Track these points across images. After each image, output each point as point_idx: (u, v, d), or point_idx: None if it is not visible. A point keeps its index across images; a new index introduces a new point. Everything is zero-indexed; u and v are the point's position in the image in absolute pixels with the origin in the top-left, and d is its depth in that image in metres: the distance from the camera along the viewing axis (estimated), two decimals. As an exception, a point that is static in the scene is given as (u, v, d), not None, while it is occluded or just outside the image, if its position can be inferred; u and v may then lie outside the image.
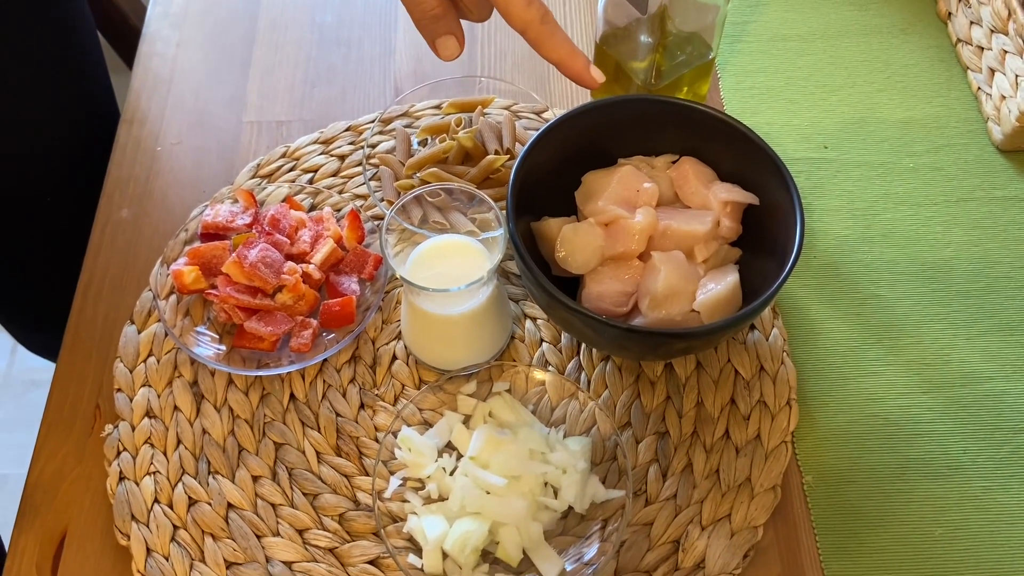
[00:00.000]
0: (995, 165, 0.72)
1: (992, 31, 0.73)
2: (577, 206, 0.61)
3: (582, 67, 0.52)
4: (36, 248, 0.83)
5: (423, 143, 0.69)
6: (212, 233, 0.64)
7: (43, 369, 1.42)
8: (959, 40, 0.77)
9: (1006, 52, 0.71)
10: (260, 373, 0.60)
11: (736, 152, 0.59)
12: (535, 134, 0.59)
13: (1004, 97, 0.71)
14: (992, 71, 0.73)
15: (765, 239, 0.58)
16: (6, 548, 0.78)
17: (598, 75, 0.52)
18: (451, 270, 0.57)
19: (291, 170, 0.71)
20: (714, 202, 0.59)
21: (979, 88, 0.75)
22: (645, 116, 0.61)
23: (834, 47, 0.78)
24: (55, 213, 0.81)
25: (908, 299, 0.66)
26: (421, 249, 0.59)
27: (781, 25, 0.80)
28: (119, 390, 0.61)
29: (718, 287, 0.56)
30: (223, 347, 0.61)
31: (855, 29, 0.80)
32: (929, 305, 0.65)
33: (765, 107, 0.75)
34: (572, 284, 0.60)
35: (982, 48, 0.75)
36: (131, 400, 0.60)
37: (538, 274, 0.53)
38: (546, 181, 0.59)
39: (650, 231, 0.58)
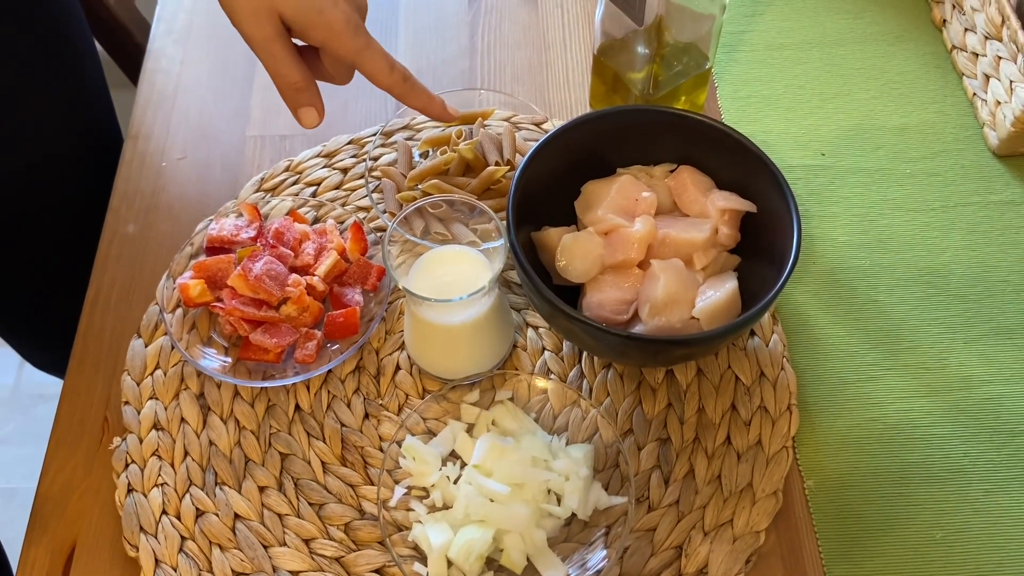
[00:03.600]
0: (991, 170, 0.72)
1: (986, 38, 0.74)
2: (577, 215, 0.62)
3: (440, 108, 0.60)
4: (38, 265, 0.84)
5: (424, 155, 0.70)
6: (217, 247, 0.64)
7: (51, 384, 1.43)
8: (954, 47, 0.78)
9: (1000, 58, 0.72)
10: (265, 384, 0.60)
11: (734, 160, 0.60)
12: (535, 145, 0.59)
13: (999, 103, 0.72)
14: (987, 77, 0.74)
15: (763, 246, 0.59)
16: (12, 565, 0.78)
17: (453, 111, 0.62)
18: (453, 280, 0.58)
19: (294, 183, 0.72)
20: (712, 210, 0.60)
21: (974, 94, 0.75)
22: (643, 126, 0.62)
23: (830, 55, 0.79)
24: (56, 229, 0.82)
25: (906, 304, 0.66)
26: (423, 260, 0.59)
27: (777, 34, 0.81)
28: (127, 403, 0.62)
29: (717, 294, 0.57)
30: (229, 359, 0.62)
31: (851, 37, 0.80)
32: (927, 310, 0.66)
33: (762, 115, 0.76)
34: (573, 293, 0.60)
35: (977, 55, 0.75)
36: (139, 413, 0.61)
37: (539, 283, 0.54)
38: (546, 191, 0.60)
39: (649, 239, 0.59)
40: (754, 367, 0.62)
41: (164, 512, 0.58)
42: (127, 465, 0.59)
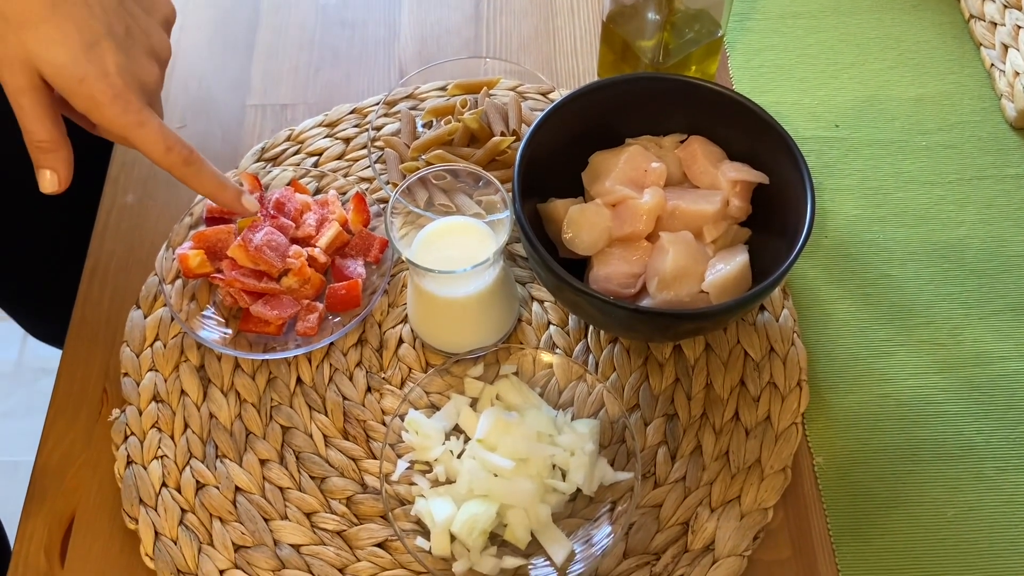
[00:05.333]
0: (1008, 143, 0.71)
1: (1005, 7, 0.72)
2: (584, 187, 0.61)
3: (232, 198, 0.54)
4: (38, 235, 0.83)
5: (428, 125, 0.69)
6: (217, 217, 0.63)
7: (53, 357, 1.42)
8: (972, 16, 0.76)
9: (1020, 28, 0.70)
10: (266, 357, 0.60)
11: (745, 131, 0.59)
12: (541, 114, 0.58)
13: (1018, 73, 0.70)
14: (1005, 47, 0.72)
15: (775, 219, 0.57)
16: (10, 537, 0.78)
17: (251, 204, 0.54)
18: (457, 252, 0.57)
19: (296, 153, 0.70)
20: (723, 182, 0.59)
21: (992, 65, 0.74)
22: (653, 95, 0.60)
23: (845, 24, 0.77)
24: (54, 199, 0.80)
25: (920, 279, 0.65)
26: (427, 231, 0.58)
27: (791, 2, 0.79)
28: (126, 374, 0.61)
29: (727, 267, 0.56)
30: (229, 331, 0.61)
31: (866, 5, 0.78)
32: (941, 285, 0.64)
33: (775, 85, 0.74)
34: (579, 266, 0.59)
35: (995, 24, 0.73)
36: (138, 384, 0.60)
37: (545, 256, 0.53)
38: (552, 162, 0.59)
39: (658, 211, 0.57)
40: (764, 342, 0.61)
41: (164, 484, 0.57)
42: (126, 437, 0.59)
